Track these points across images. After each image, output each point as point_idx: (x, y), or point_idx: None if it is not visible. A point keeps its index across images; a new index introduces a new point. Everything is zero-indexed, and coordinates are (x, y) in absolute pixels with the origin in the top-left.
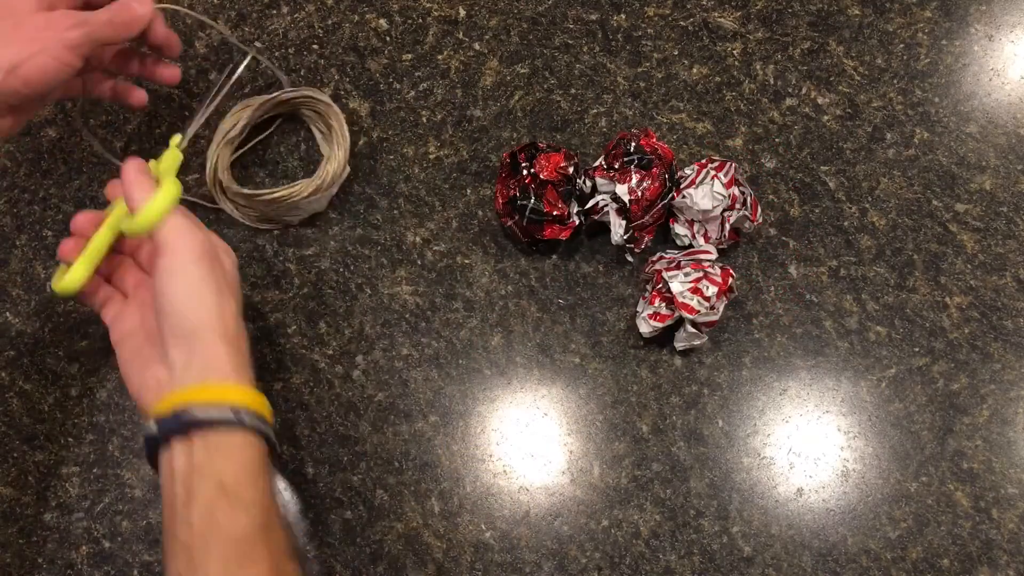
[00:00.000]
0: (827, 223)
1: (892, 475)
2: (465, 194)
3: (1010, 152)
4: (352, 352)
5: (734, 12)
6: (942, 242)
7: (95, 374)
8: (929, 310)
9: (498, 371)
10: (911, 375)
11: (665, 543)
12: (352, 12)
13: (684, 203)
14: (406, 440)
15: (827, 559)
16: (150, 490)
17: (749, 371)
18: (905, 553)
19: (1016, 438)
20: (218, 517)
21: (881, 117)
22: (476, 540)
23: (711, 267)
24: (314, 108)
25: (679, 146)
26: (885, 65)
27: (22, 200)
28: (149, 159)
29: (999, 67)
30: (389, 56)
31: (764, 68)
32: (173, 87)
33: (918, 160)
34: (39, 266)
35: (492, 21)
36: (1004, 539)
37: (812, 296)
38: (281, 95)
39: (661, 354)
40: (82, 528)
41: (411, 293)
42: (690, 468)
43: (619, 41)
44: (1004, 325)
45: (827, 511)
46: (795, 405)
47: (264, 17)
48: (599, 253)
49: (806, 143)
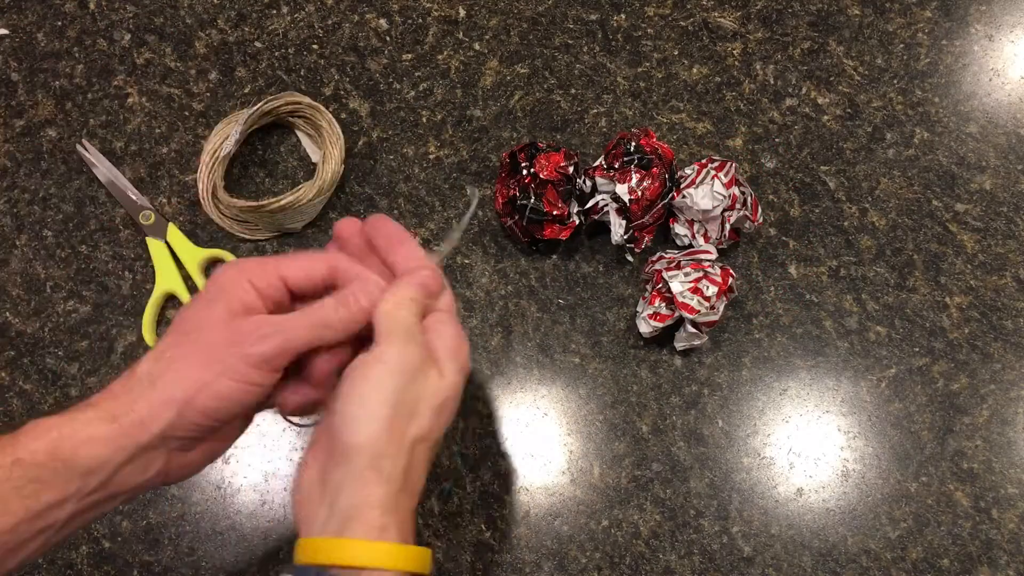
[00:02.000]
0: (827, 223)
1: (892, 475)
2: (465, 194)
3: (1010, 152)
4: None
5: (734, 12)
6: (942, 242)
7: (95, 374)
8: (929, 310)
9: (498, 371)
10: (911, 375)
11: (665, 543)
12: (352, 12)
13: (684, 203)
14: None
15: (827, 559)
16: (150, 490)
17: (749, 371)
18: (905, 553)
19: (1016, 438)
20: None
21: (881, 117)
22: (476, 540)
23: (711, 267)
24: (300, 114)
25: (679, 146)
26: (885, 65)
27: (22, 200)
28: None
29: (999, 67)
30: (389, 56)
31: (764, 68)
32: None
33: (918, 160)
34: (39, 266)
35: (492, 21)
36: (1004, 539)
37: (812, 296)
38: (264, 105)
39: (661, 354)
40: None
41: None
42: (690, 468)
43: (619, 41)
44: (1004, 325)
45: (827, 511)
46: (795, 405)
47: (264, 17)
48: (599, 253)
49: (806, 143)
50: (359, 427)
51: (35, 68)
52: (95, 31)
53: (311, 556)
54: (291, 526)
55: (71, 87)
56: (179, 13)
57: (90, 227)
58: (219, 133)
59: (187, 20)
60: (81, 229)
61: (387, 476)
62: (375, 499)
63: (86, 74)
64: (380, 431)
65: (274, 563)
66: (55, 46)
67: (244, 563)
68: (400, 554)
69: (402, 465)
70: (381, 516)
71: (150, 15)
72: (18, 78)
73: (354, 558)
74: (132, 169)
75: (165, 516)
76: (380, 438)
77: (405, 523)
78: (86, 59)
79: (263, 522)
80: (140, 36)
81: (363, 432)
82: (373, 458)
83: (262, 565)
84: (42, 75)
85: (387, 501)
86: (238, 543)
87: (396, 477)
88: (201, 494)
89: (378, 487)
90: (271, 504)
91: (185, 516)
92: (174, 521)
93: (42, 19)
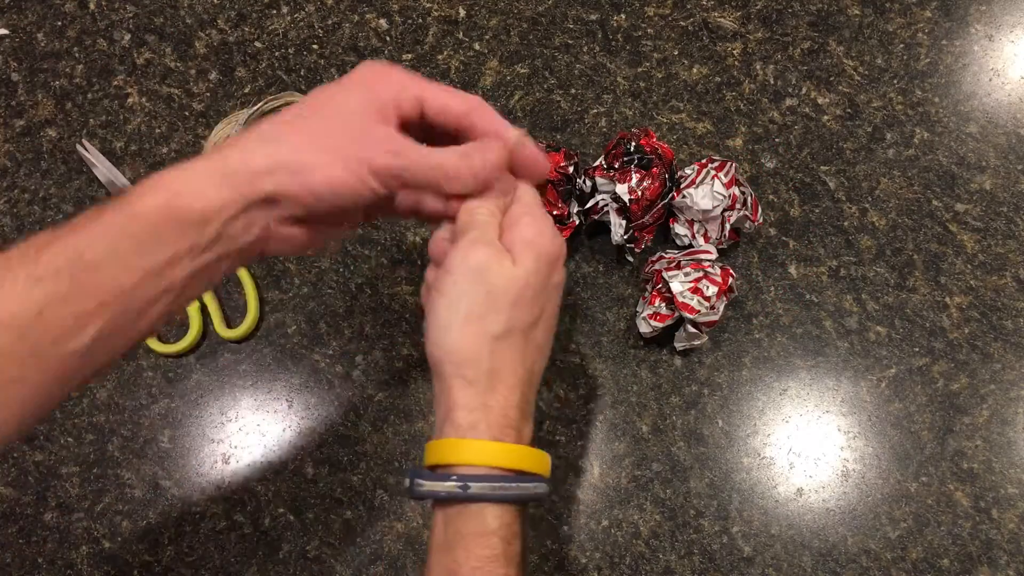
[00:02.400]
0: (827, 223)
1: (892, 475)
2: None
3: (1010, 152)
4: (352, 352)
5: (734, 12)
6: (942, 242)
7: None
8: (929, 310)
9: None
10: (911, 375)
11: (665, 543)
12: (352, 12)
13: (684, 203)
14: (406, 440)
15: (827, 559)
16: (150, 490)
17: (749, 371)
18: (905, 553)
19: (1016, 438)
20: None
21: (881, 117)
22: None
23: (711, 267)
24: None
25: (679, 146)
26: (885, 65)
27: (22, 200)
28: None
29: (999, 67)
30: (389, 56)
31: (764, 68)
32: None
33: (918, 160)
34: None
35: (492, 21)
36: (1004, 539)
37: (812, 296)
38: (263, 106)
39: (661, 354)
40: (82, 528)
41: (411, 293)
42: (690, 468)
43: (619, 41)
44: (1004, 325)
45: (827, 511)
46: (795, 405)
47: (264, 17)
48: (599, 253)
49: (806, 143)
50: (435, 340)
51: (35, 68)
52: (95, 31)
53: (424, 461)
54: (292, 525)
55: (71, 87)
56: (179, 13)
57: None
58: (219, 133)
59: (187, 20)
60: None
61: (471, 377)
62: (461, 401)
63: (86, 74)
64: (455, 340)
65: (274, 563)
66: (55, 46)
67: (244, 563)
68: (489, 450)
69: (485, 367)
70: (468, 415)
71: (150, 15)
72: (18, 78)
73: (442, 455)
74: (132, 169)
75: (165, 516)
76: (457, 347)
77: (500, 420)
78: (86, 59)
79: (263, 522)
80: (140, 36)
81: (440, 345)
82: (456, 366)
83: (262, 565)
84: (42, 75)
85: (474, 400)
86: (238, 543)
87: (479, 379)
88: (201, 494)
89: (461, 391)
90: (271, 504)
91: (185, 516)
92: (174, 521)
93: (42, 19)
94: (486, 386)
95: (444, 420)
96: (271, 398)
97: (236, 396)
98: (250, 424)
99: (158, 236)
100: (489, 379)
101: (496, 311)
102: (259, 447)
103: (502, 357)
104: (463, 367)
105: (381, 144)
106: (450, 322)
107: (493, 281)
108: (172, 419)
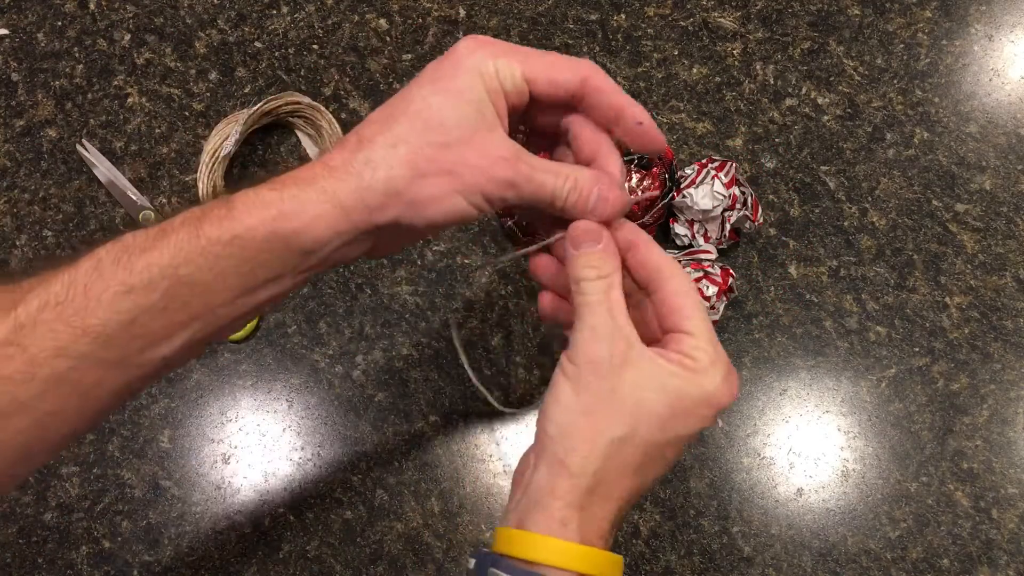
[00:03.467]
0: (827, 223)
1: (892, 475)
2: None
3: (1010, 152)
4: (352, 352)
5: (734, 12)
6: (942, 242)
7: None
8: (929, 310)
9: (498, 371)
10: (911, 375)
11: (665, 543)
12: (352, 12)
13: (684, 203)
14: (406, 440)
15: (827, 559)
16: (150, 490)
17: (749, 371)
18: (905, 553)
19: (1016, 438)
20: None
21: (881, 117)
22: (476, 540)
23: (711, 267)
24: (300, 114)
25: (679, 146)
26: (885, 65)
27: (22, 200)
28: None
29: (999, 67)
30: (389, 56)
31: (764, 68)
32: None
33: (918, 160)
34: (39, 266)
35: (492, 21)
36: (1004, 539)
37: (812, 296)
38: (264, 105)
39: None
40: (82, 528)
41: (411, 293)
42: (690, 468)
43: (619, 41)
44: (1004, 325)
45: (827, 511)
46: (795, 405)
47: (264, 17)
48: None
49: (806, 143)
50: (550, 417)
51: (35, 68)
52: (95, 31)
53: (494, 543)
54: (292, 525)
55: (71, 87)
56: (179, 13)
57: (90, 227)
58: (219, 133)
59: (187, 20)
60: (81, 229)
61: (576, 471)
62: (561, 490)
63: (86, 74)
64: (569, 425)
65: (274, 563)
66: (55, 46)
67: (244, 563)
68: (575, 553)
69: (594, 466)
70: (563, 508)
71: (150, 15)
72: (18, 78)
73: (524, 550)
74: (132, 169)
75: (165, 516)
76: (569, 433)
77: (593, 525)
78: (86, 59)
79: (263, 522)
80: (140, 36)
81: (553, 423)
82: (565, 451)
83: (262, 565)
84: (42, 75)
85: (571, 496)
86: (238, 543)
87: (585, 474)
88: (201, 494)
89: (565, 480)
90: (271, 504)
91: (185, 516)
92: (174, 521)
93: (42, 19)
94: (590, 486)
95: (534, 504)
96: (271, 398)
97: (236, 396)
98: (250, 424)
99: (260, 261)
100: (595, 479)
101: (623, 414)
102: (259, 447)
103: (615, 463)
104: (571, 454)
105: (501, 160)
106: (567, 406)
107: (636, 378)
108: (172, 419)
